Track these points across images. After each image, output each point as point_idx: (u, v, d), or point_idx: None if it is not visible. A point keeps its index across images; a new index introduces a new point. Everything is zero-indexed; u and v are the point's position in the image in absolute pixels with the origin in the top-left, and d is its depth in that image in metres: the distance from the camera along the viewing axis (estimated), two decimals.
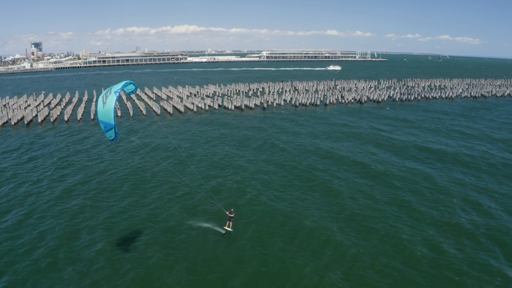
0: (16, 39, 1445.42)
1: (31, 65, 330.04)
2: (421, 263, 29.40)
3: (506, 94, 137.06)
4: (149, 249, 30.96)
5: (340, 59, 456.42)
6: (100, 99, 24.96)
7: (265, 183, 45.75)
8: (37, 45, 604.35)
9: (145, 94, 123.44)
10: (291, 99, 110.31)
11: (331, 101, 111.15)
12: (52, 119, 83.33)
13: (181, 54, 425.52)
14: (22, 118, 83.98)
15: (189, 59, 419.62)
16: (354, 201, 40.92)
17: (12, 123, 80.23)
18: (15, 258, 29.88)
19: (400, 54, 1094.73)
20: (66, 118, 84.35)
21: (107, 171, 50.07)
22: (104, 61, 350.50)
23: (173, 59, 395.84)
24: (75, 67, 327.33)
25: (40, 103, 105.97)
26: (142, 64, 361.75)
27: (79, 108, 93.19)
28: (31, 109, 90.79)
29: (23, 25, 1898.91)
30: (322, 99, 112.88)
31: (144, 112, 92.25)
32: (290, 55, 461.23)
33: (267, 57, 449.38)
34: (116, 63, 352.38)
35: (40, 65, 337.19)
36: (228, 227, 33.00)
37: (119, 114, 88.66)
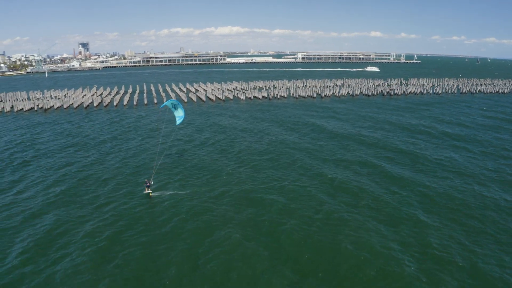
0: (63, 39, 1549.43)
1: (80, 64, 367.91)
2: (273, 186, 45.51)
3: (487, 92, 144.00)
4: None
5: (374, 61, 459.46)
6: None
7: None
8: (84, 45, 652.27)
9: (179, 88, 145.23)
10: (293, 92, 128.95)
11: (327, 94, 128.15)
12: (104, 104, 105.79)
13: (220, 55, 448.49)
14: (81, 103, 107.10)
15: (228, 60, 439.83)
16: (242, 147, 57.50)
17: (74, 106, 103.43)
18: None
19: (445, 57, 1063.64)
20: (115, 104, 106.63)
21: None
22: (148, 61, 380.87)
23: (212, 60, 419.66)
24: (121, 66, 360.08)
25: (93, 94, 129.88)
26: (183, 64, 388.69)
27: (125, 97, 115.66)
28: (87, 98, 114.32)
29: (69, 26, 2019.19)
30: (319, 92, 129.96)
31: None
32: (325, 56, 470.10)
33: (303, 58, 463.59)
34: (159, 63, 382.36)
35: (88, 64, 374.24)
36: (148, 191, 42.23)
37: (155, 101, 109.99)
